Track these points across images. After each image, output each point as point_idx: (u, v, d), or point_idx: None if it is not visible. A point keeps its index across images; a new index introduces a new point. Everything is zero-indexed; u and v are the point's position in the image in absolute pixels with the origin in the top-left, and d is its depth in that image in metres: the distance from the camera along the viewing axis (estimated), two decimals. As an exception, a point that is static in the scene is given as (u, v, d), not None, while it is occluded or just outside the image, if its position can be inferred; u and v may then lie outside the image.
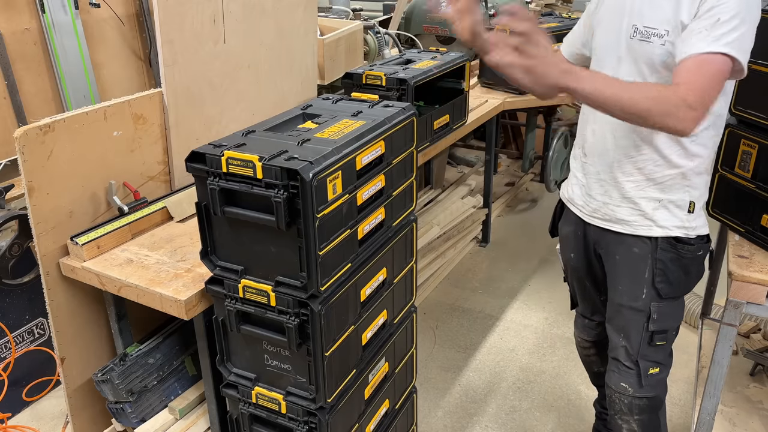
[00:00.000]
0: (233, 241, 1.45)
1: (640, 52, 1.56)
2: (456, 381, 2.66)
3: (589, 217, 1.76)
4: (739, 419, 2.29)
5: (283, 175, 1.29)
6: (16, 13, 2.66)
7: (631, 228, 1.66)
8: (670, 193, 1.61)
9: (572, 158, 1.83)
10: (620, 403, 1.79)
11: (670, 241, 1.63)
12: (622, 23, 1.60)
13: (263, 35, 2.28)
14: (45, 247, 1.69)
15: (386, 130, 1.57)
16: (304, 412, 1.53)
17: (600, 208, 1.71)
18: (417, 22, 3.83)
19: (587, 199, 1.75)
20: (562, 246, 1.96)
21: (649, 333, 1.69)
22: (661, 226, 1.63)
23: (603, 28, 1.69)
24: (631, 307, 1.70)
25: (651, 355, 1.71)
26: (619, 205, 1.67)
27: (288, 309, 1.41)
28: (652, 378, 1.72)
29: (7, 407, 2.41)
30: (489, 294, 3.27)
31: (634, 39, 1.57)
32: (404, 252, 1.79)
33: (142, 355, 1.82)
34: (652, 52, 1.53)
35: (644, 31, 1.55)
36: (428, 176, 3.66)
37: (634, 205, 1.64)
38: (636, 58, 1.57)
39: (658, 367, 1.73)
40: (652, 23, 1.53)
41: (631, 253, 1.68)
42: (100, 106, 1.80)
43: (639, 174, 1.62)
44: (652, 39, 1.53)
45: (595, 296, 1.94)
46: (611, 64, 1.63)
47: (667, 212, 1.63)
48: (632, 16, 1.58)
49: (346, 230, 1.46)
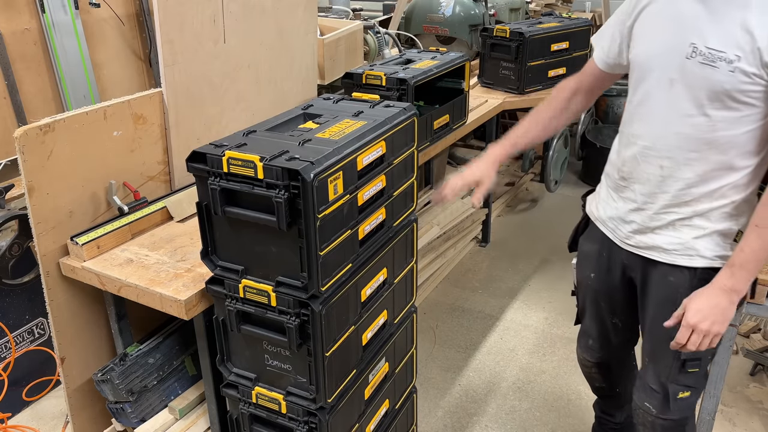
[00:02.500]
0: (234, 241, 1.45)
1: (699, 76, 1.36)
2: (456, 381, 2.66)
3: (621, 242, 1.63)
4: (739, 419, 2.29)
5: (284, 175, 1.29)
6: (16, 13, 2.66)
7: (670, 257, 1.54)
8: (717, 222, 1.48)
9: (605, 176, 1.69)
10: (643, 419, 1.72)
11: (710, 272, 1.49)
12: (676, 38, 1.40)
13: (263, 35, 2.28)
14: (45, 247, 1.69)
15: (387, 131, 1.56)
16: (304, 412, 1.53)
17: (636, 234, 1.59)
18: (417, 22, 3.83)
19: (620, 223, 1.62)
20: (581, 263, 1.84)
21: (681, 360, 1.59)
22: (703, 256, 1.50)
23: (648, 40, 1.49)
24: (662, 334, 1.57)
25: (682, 379, 1.62)
26: (658, 233, 1.54)
27: (288, 309, 1.41)
28: (681, 402, 1.64)
29: (7, 407, 2.41)
30: (489, 294, 3.27)
31: (693, 60, 1.36)
32: (405, 252, 1.79)
33: (142, 355, 1.82)
34: (717, 79, 1.34)
35: (707, 53, 1.34)
36: (428, 176, 3.66)
37: (676, 234, 1.52)
38: (693, 84, 1.38)
39: (689, 390, 1.64)
40: (718, 45, 1.33)
41: (666, 281, 1.56)
42: (100, 106, 1.79)
43: (686, 206, 1.49)
44: (718, 64, 1.33)
45: (607, 318, 1.83)
46: (661, 87, 1.44)
47: (711, 241, 1.49)
48: (691, 31, 1.37)
49: (347, 230, 1.46)
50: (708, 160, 1.42)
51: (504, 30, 3.22)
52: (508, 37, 3.19)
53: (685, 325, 1.43)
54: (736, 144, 1.39)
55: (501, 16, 3.97)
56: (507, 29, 3.21)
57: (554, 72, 3.35)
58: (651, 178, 1.51)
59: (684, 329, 1.44)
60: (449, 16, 3.72)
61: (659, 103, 1.46)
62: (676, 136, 1.44)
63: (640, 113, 1.52)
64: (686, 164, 1.45)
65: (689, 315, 1.43)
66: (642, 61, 1.50)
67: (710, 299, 1.42)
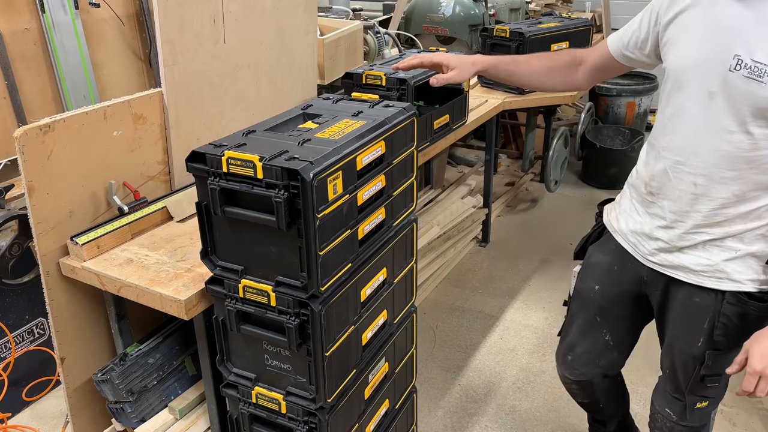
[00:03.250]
0: (233, 241, 1.45)
1: (743, 91, 1.26)
2: (456, 381, 2.66)
3: (643, 258, 1.56)
4: (739, 419, 2.29)
5: (284, 175, 1.29)
6: (16, 13, 2.66)
7: (697, 278, 1.46)
8: (751, 244, 1.40)
9: (630, 187, 1.61)
10: (662, 424, 1.69)
11: (740, 296, 1.43)
12: (718, 48, 1.30)
13: (263, 35, 2.28)
14: (45, 247, 1.69)
15: (387, 130, 1.56)
16: (304, 412, 1.53)
17: (660, 252, 1.51)
18: (417, 22, 3.83)
19: (644, 238, 1.54)
20: (586, 273, 1.74)
21: (700, 376, 1.53)
22: (733, 280, 1.43)
23: (686, 48, 1.38)
24: (683, 350, 1.54)
25: (701, 392, 1.58)
26: (686, 252, 1.46)
27: (288, 309, 1.41)
28: (699, 411, 1.61)
29: (7, 407, 2.41)
30: (489, 294, 3.27)
31: (737, 73, 1.26)
32: (404, 252, 1.79)
33: (142, 355, 1.82)
34: (763, 95, 1.24)
35: (753, 67, 1.24)
36: (428, 176, 3.67)
37: (706, 255, 1.44)
38: (735, 98, 1.28)
39: (707, 401, 1.61)
40: (766, 58, 1.23)
41: (691, 302, 1.49)
42: (100, 106, 1.80)
43: (718, 227, 1.41)
44: (765, 79, 1.23)
45: (599, 334, 1.74)
46: (699, 100, 1.35)
47: (742, 264, 1.42)
48: (736, 41, 1.27)
49: (347, 230, 1.46)
50: (746, 179, 1.34)
51: (504, 30, 3.22)
52: (508, 37, 3.19)
53: (751, 372, 1.31)
54: None
55: (501, 16, 3.97)
56: (507, 29, 3.21)
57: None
58: (683, 195, 1.42)
59: (750, 377, 1.31)
60: (449, 16, 3.72)
61: (696, 117, 1.37)
62: (714, 153, 1.35)
63: (673, 125, 1.43)
64: (722, 183, 1.37)
65: (755, 361, 1.30)
66: (678, 71, 1.40)
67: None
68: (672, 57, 1.42)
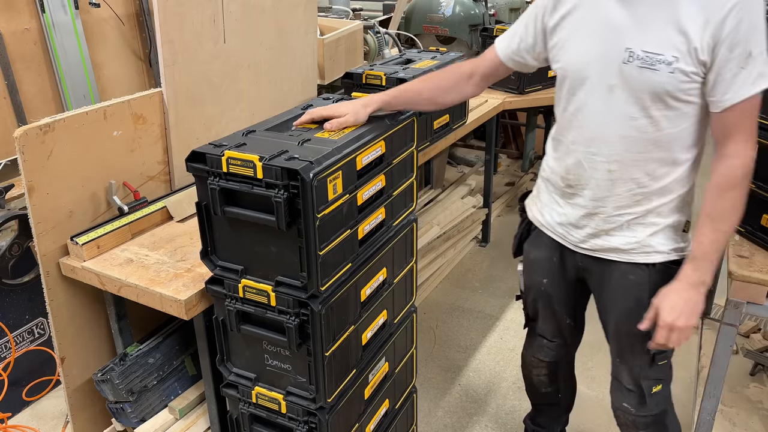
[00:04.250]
0: (233, 241, 1.45)
1: (640, 80, 1.38)
2: (456, 381, 2.66)
3: (575, 246, 1.64)
4: (739, 419, 2.29)
5: (284, 175, 1.29)
6: (16, 13, 2.66)
7: (628, 256, 1.56)
8: (668, 217, 1.52)
9: (545, 182, 1.69)
10: (624, 419, 1.74)
11: (668, 265, 1.54)
12: (610, 44, 1.41)
13: (263, 35, 2.28)
14: (45, 247, 1.69)
15: (386, 130, 1.56)
16: (304, 411, 1.53)
17: (588, 238, 1.60)
18: (417, 22, 3.83)
19: (572, 228, 1.63)
20: (529, 269, 1.82)
21: (650, 356, 1.61)
22: (659, 252, 1.54)
23: (578, 49, 1.48)
24: (629, 332, 1.61)
25: (653, 374, 1.65)
26: (613, 234, 1.56)
27: (288, 309, 1.41)
28: (655, 396, 1.66)
29: (7, 407, 2.41)
30: (489, 294, 3.27)
31: (631, 65, 1.39)
32: (404, 252, 1.79)
33: (142, 355, 1.82)
34: (658, 81, 1.36)
35: (645, 57, 1.37)
36: (428, 176, 3.66)
37: (631, 233, 1.54)
38: (635, 87, 1.40)
39: (661, 383, 1.67)
40: (655, 48, 1.36)
41: (627, 280, 1.58)
42: (100, 105, 1.80)
43: (638, 206, 1.52)
44: (658, 66, 1.36)
45: (562, 320, 1.85)
46: (599, 93, 1.46)
47: (664, 236, 1.54)
48: (625, 36, 1.39)
49: (347, 230, 1.46)
50: (654, 158, 1.46)
51: (504, 30, 3.21)
52: (508, 37, 3.19)
53: (662, 325, 1.45)
54: (678, 139, 1.44)
55: (501, 16, 3.97)
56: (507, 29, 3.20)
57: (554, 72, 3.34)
58: (600, 182, 1.52)
59: (662, 330, 1.45)
60: (449, 16, 3.72)
61: (599, 110, 1.47)
62: (622, 140, 1.46)
63: (579, 120, 1.52)
64: (634, 165, 1.47)
65: (664, 314, 1.44)
66: (576, 69, 1.49)
67: (681, 295, 1.45)
68: (566, 57, 1.51)
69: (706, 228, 1.42)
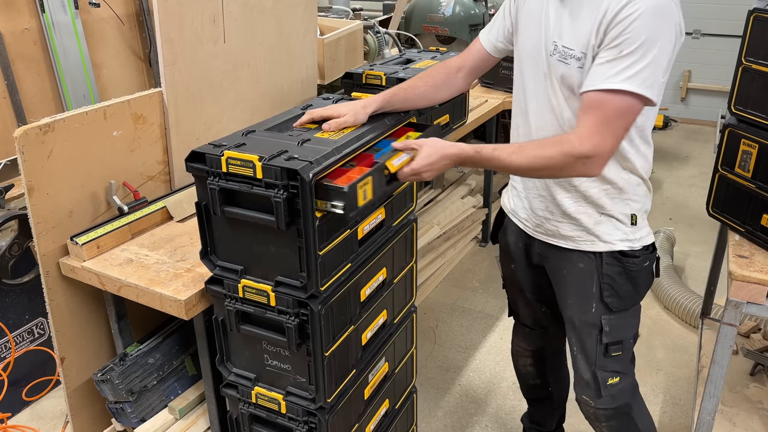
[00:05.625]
0: (233, 241, 1.45)
1: (559, 72, 1.47)
2: (456, 381, 2.66)
3: (533, 231, 1.71)
4: (739, 419, 2.29)
5: (283, 175, 1.29)
6: (16, 13, 2.66)
7: (575, 243, 1.61)
8: (609, 207, 1.56)
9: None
10: (586, 412, 1.77)
11: (615, 255, 1.57)
12: (543, 35, 1.50)
13: (263, 35, 2.28)
14: (45, 246, 1.69)
15: (385, 132, 1.56)
16: (303, 412, 1.53)
17: (543, 223, 1.66)
18: (417, 21, 3.83)
19: (529, 213, 1.69)
20: (502, 256, 1.91)
21: (603, 345, 1.64)
22: (604, 241, 1.58)
23: (524, 36, 1.58)
24: (581, 321, 1.65)
25: (609, 365, 1.66)
26: (561, 221, 1.61)
27: (288, 309, 1.41)
28: (612, 388, 1.68)
29: (7, 407, 2.41)
30: (489, 294, 3.27)
31: (553, 57, 1.47)
32: (404, 252, 1.79)
33: (142, 355, 1.82)
34: (570, 75, 1.44)
35: (563, 51, 1.45)
36: (428, 176, 3.66)
37: (575, 221, 1.59)
38: (556, 78, 1.48)
39: (618, 376, 1.68)
40: (570, 43, 1.43)
41: (576, 268, 1.63)
42: (100, 105, 1.79)
43: (575, 191, 1.56)
44: (569, 61, 1.43)
45: (536, 307, 1.90)
46: (537, 79, 1.54)
47: (609, 226, 1.57)
48: (554, 30, 1.47)
49: (346, 230, 1.46)
50: None
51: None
52: (508, 36, 3.19)
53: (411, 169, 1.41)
54: None
55: (501, 16, 3.97)
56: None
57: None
58: None
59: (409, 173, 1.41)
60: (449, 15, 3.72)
61: (539, 96, 1.55)
62: (555, 128, 1.53)
63: (523, 105, 1.61)
64: None
65: (418, 162, 1.41)
66: (520, 56, 1.60)
67: (443, 155, 1.41)
68: (518, 44, 1.61)
69: (507, 147, 1.42)
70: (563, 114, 1.51)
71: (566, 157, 1.35)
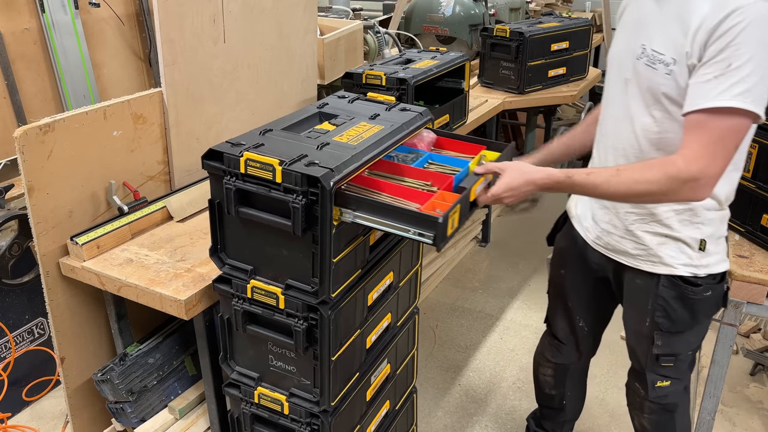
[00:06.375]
0: (244, 241, 1.43)
1: (644, 77, 1.39)
2: (456, 381, 2.66)
3: (593, 242, 1.66)
4: (739, 419, 2.29)
5: (303, 181, 1.26)
6: (16, 13, 2.66)
7: (635, 261, 1.56)
8: (677, 229, 1.48)
9: None
10: (633, 399, 1.76)
11: (674, 279, 1.50)
12: (632, 38, 1.42)
13: (263, 35, 2.28)
14: (45, 246, 1.69)
15: (404, 137, 1.54)
16: (307, 413, 1.52)
17: (603, 236, 1.61)
18: (417, 21, 3.83)
19: (593, 223, 1.64)
20: (554, 259, 1.87)
21: (654, 355, 1.61)
22: (666, 264, 1.51)
23: (616, 43, 1.52)
24: (634, 330, 1.65)
25: (660, 370, 1.64)
26: (623, 236, 1.56)
27: (297, 313, 1.40)
28: (661, 389, 1.66)
29: (7, 407, 2.41)
30: (489, 294, 3.27)
31: (640, 61, 1.39)
32: (411, 255, 1.78)
33: (142, 355, 1.82)
34: (656, 80, 1.36)
35: (651, 55, 1.36)
36: (428, 176, 3.66)
37: (638, 239, 1.53)
38: (641, 85, 1.40)
39: (669, 380, 1.65)
40: (660, 47, 1.34)
41: (634, 284, 1.59)
42: (100, 105, 1.79)
43: (642, 207, 1.50)
44: (657, 66, 1.35)
45: (574, 320, 1.85)
46: (619, 86, 1.47)
47: (674, 248, 1.49)
48: (644, 32, 1.39)
49: (360, 237, 1.44)
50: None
51: (504, 30, 3.21)
52: (508, 36, 3.19)
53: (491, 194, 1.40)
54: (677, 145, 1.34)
55: (501, 16, 3.97)
56: (507, 29, 3.21)
57: (554, 72, 3.35)
58: None
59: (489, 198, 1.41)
60: (449, 15, 3.71)
61: (618, 103, 1.49)
62: (629, 136, 1.47)
63: (606, 112, 1.56)
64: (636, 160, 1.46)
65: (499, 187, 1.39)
66: (609, 62, 1.55)
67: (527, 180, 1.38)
68: (609, 53, 1.57)
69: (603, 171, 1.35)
70: (644, 122, 1.42)
71: (671, 180, 1.26)
